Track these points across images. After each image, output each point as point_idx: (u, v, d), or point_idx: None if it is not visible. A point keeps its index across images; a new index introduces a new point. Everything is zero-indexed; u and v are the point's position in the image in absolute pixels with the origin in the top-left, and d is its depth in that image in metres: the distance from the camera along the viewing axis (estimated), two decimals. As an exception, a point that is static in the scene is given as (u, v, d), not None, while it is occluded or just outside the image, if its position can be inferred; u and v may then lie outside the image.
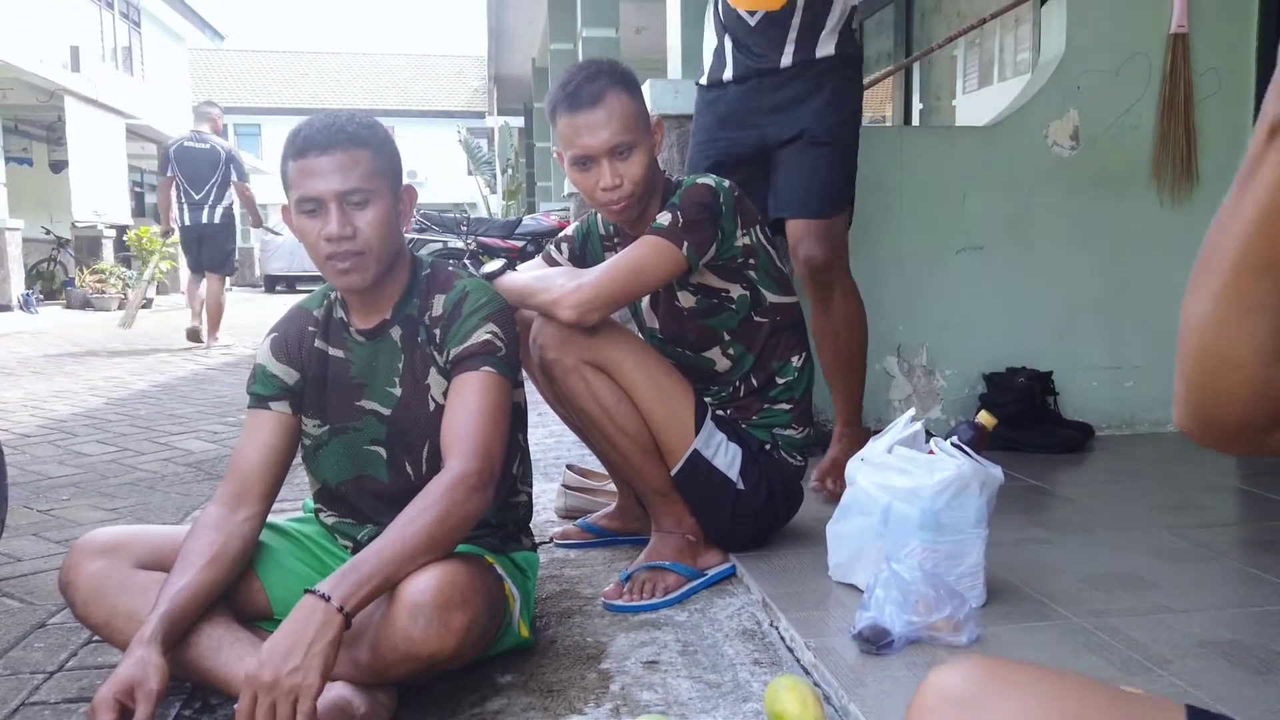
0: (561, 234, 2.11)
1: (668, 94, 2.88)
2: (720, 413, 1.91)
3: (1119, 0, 3.04)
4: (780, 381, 1.93)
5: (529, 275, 1.89)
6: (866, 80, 6.36)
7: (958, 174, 3.05)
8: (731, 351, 1.92)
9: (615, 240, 2.01)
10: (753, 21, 2.35)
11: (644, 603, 1.77)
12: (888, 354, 3.04)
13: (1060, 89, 3.04)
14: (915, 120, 6.31)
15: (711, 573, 1.89)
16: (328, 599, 1.21)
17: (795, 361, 1.93)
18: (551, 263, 2.06)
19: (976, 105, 5.71)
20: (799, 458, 1.94)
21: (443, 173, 26.47)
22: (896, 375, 3.06)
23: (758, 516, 1.89)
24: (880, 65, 6.58)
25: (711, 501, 1.86)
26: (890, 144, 3.10)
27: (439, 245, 6.93)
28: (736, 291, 1.88)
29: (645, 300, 1.99)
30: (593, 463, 2.78)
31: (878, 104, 7.00)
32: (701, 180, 1.82)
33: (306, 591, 1.23)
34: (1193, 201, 3.08)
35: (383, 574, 1.26)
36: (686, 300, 1.91)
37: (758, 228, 1.87)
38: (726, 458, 1.84)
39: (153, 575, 1.41)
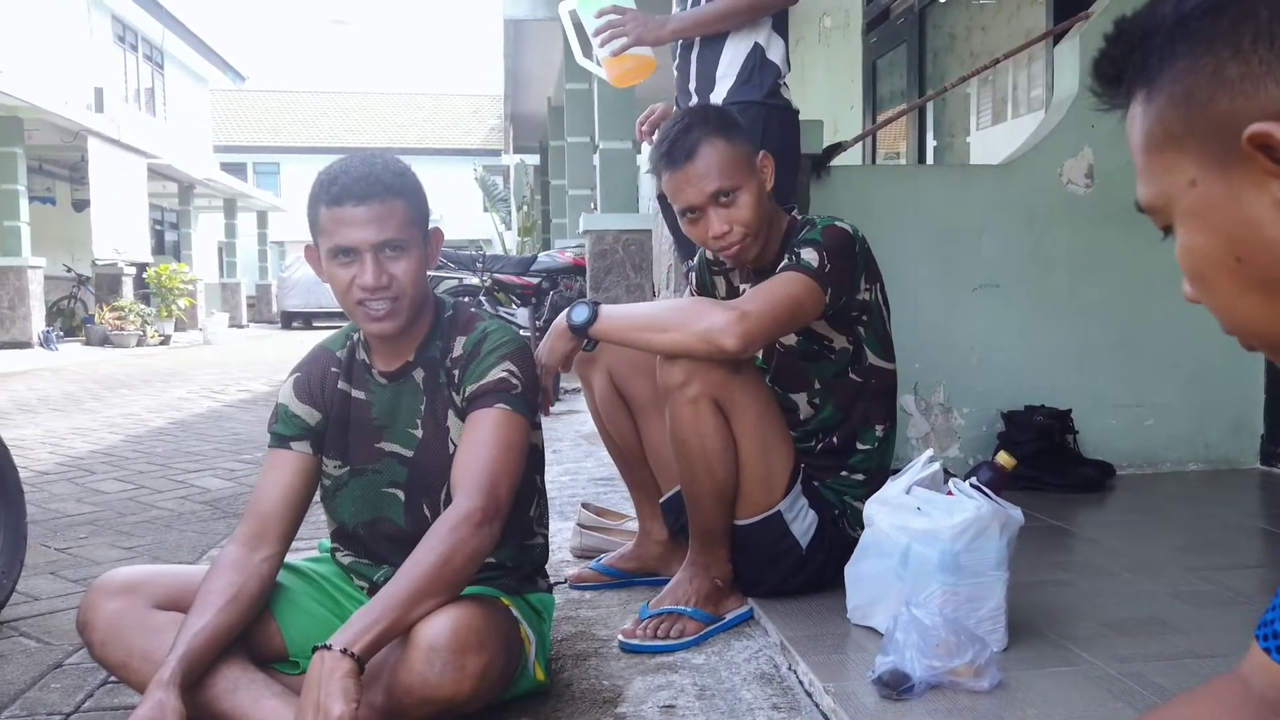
0: (686, 271, 2.11)
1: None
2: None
3: (1132, 40, 3.05)
4: (860, 448, 1.89)
5: (653, 309, 1.80)
6: (881, 118, 6.41)
7: (973, 212, 3.05)
8: (816, 401, 1.89)
9: (722, 265, 2.00)
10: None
11: (659, 644, 1.76)
12: (905, 392, 3.02)
13: (1074, 127, 3.04)
14: (929, 158, 6.34)
15: (729, 617, 1.88)
16: (330, 648, 1.21)
17: (878, 431, 1.90)
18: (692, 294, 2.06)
19: (991, 142, 5.73)
20: (859, 531, 1.87)
21: (459, 210, 26.69)
22: (914, 413, 3.04)
23: (806, 581, 1.87)
24: (893, 104, 6.62)
25: (771, 558, 1.84)
26: (905, 182, 3.12)
27: (454, 282, 6.98)
28: (840, 343, 1.85)
29: None
30: (608, 501, 2.77)
31: (891, 142, 7.03)
32: (840, 224, 1.80)
33: (315, 649, 1.24)
34: (1210, 239, 3.07)
35: (389, 617, 1.26)
36: (789, 338, 1.88)
37: (879, 286, 1.84)
38: (803, 524, 1.82)
39: (170, 616, 1.41)
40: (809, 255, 1.73)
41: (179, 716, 1.23)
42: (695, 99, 2.34)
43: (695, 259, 2.10)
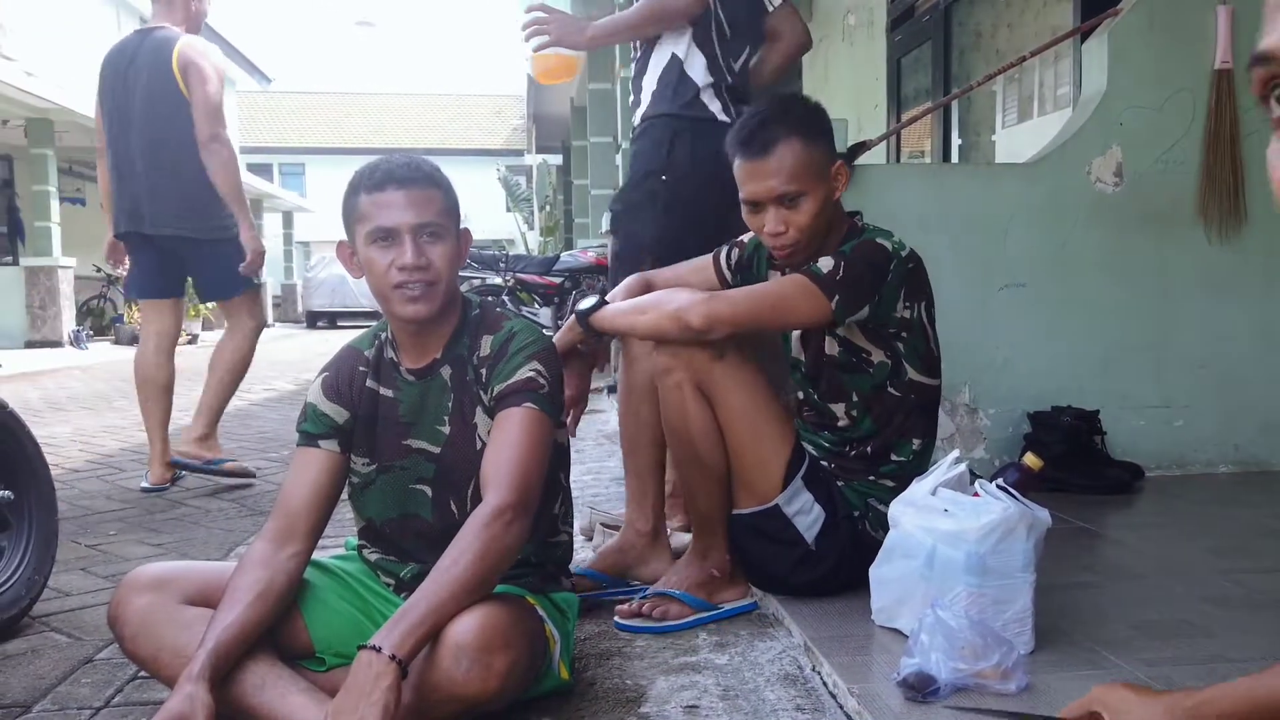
0: (738, 238, 2.06)
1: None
2: (824, 463, 1.89)
3: (1161, 36, 3.03)
4: (894, 459, 1.89)
5: (641, 297, 1.87)
6: (906, 116, 6.37)
7: (1000, 211, 3.03)
8: (854, 413, 1.89)
9: (787, 268, 1.97)
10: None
11: (645, 625, 1.83)
12: (929, 392, 3.00)
13: (1102, 125, 3.01)
14: (954, 156, 6.29)
15: (726, 607, 1.90)
16: (379, 650, 1.22)
17: (915, 445, 1.89)
18: (716, 261, 2.06)
19: (1016, 140, 5.68)
20: (883, 534, 1.87)
21: (482, 210, 26.78)
22: (939, 414, 3.02)
23: (820, 578, 1.87)
24: (918, 102, 6.58)
25: (774, 551, 1.85)
26: (931, 180, 3.10)
27: (478, 281, 7.02)
28: (878, 357, 1.84)
29: (797, 333, 1.95)
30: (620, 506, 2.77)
31: (916, 140, 6.99)
32: (881, 240, 1.78)
33: (360, 648, 1.25)
34: (1241, 239, 3.04)
35: (432, 617, 1.28)
36: (831, 348, 1.88)
37: (924, 305, 1.82)
38: (808, 519, 1.82)
39: (199, 611, 1.43)
40: (824, 262, 1.74)
41: (208, 710, 1.25)
42: (634, 111, 2.42)
43: (751, 243, 2.03)
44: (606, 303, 1.89)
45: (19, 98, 10.82)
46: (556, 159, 17.36)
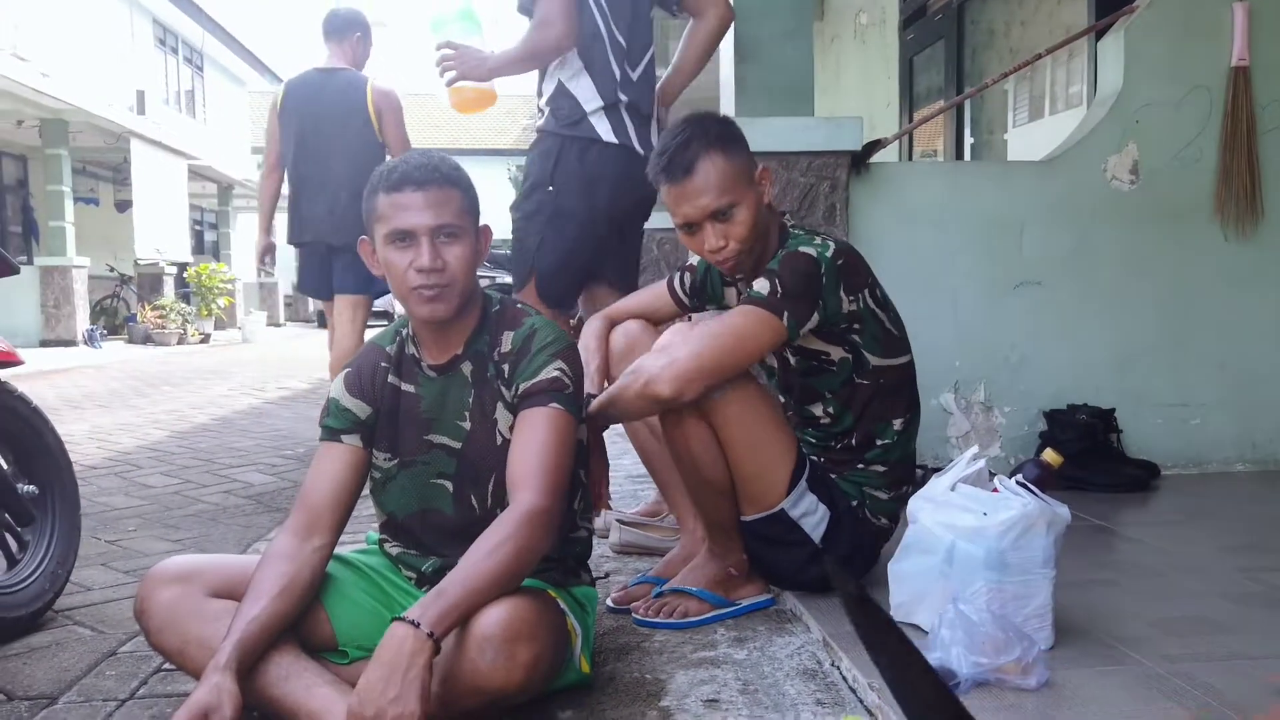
0: (686, 264, 2.12)
1: (767, 135, 2.71)
2: (814, 458, 1.90)
3: (1177, 34, 3.02)
4: (879, 444, 1.89)
5: (611, 388, 1.83)
6: (918, 115, 6.36)
7: (1015, 208, 3.02)
8: (831, 410, 1.90)
9: (738, 276, 1.96)
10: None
11: (660, 620, 1.85)
12: (945, 390, 3.01)
13: (1118, 123, 3.01)
14: (966, 155, 6.28)
15: (744, 603, 1.91)
16: (416, 625, 1.23)
17: (896, 425, 1.89)
18: (671, 288, 2.10)
19: (1029, 139, 5.67)
20: (885, 520, 1.90)
21: (493, 209, 26.71)
22: (954, 412, 3.02)
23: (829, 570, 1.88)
24: (930, 101, 6.57)
25: (783, 554, 1.87)
26: (945, 178, 3.10)
27: (489, 280, 7.03)
28: (838, 354, 1.85)
29: None
30: (645, 498, 2.78)
31: (928, 139, 6.98)
32: (804, 248, 1.78)
33: (394, 620, 1.25)
34: (1259, 236, 3.03)
35: (467, 601, 1.29)
36: (790, 360, 1.91)
37: (867, 292, 1.82)
38: (814, 519, 1.84)
39: (224, 604, 1.44)
40: (760, 285, 1.76)
41: (235, 701, 1.26)
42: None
43: (700, 266, 2.08)
44: (594, 396, 1.85)
45: (33, 98, 10.90)
46: (567, 159, 17.33)
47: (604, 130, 2.39)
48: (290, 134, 3.90)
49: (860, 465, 1.90)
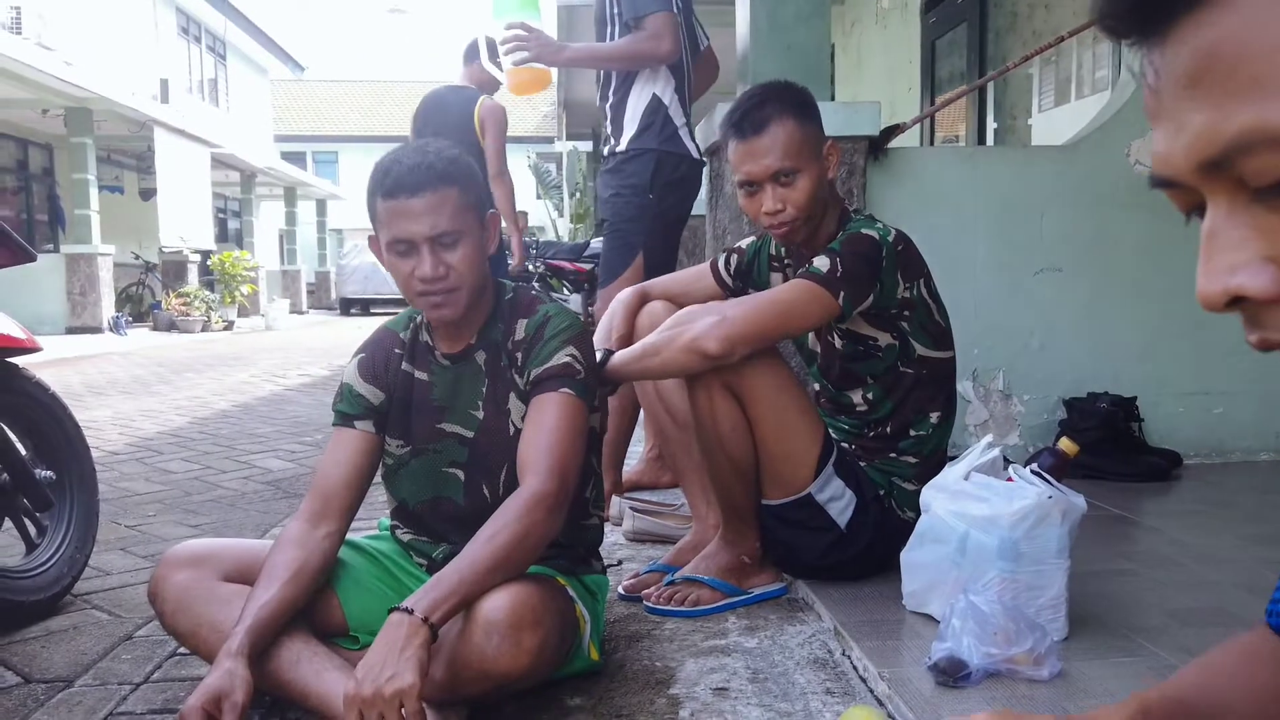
0: (735, 245, 2.13)
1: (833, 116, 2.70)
2: (844, 445, 1.89)
3: (1204, 15, 2.96)
4: (913, 434, 1.89)
5: (648, 339, 1.84)
6: (940, 99, 6.29)
7: (1036, 194, 2.98)
8: (870, 396, 1.89)
9: (786, 262, 2.01)
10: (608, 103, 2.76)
11: (671, 608, 1.85)
12: (963, 378, 2.98)
13: (1142, 106, 2.95)
14: (989, 140, 6.21)
15: (756, 592, 1.91)
16: (411, 612, 1.24)
17: (933, 418, 1.89)
18: (715, 269, 2.11)
19: (1053, 123, 5.59)
20: (909, 513, 1.88)
21: (517, 196, 26.87)
22: (972, 400, 2.99)
23: (851, 559, 1.87)
24: (952, 85, 6.50)
25: (806, 538, 1.86)
26: (965, 163, 3.06)
27: (536, 270, 7.03)
28: (885, 340, 1.85)
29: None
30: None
31: (950, 124, 6.91)
32: (866, 230, 1.79)
33: (391, 610, 1.26)
34: (1285, 221, 2.97)
35: (464, 589, 1.29)
36: (836, 343, 1.90)
37: (922, 281, 1.83)
38: (840, 504, 1.83)
39: (237, 588, 1.45)
40: (820, 262, 1.76)
41: (248, 685, 1.27)
42: (609, 143, 2.77)
43: (750, 249, 2.08)
44: (612, 352, 1.86)
45: (59, 87, 10.99)
46: (587, 146, 17.33)
47: (691, 147, 2.74)
48: (418, 136, 4.31)
49: (892, 454, 1.89)
